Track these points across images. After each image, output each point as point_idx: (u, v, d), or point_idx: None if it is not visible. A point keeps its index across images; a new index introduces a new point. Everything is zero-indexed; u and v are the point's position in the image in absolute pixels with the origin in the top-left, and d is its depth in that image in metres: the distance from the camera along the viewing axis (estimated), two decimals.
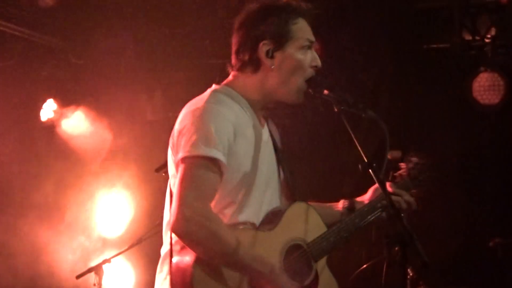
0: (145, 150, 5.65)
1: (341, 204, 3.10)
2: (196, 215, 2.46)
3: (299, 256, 2.74)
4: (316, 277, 2.77)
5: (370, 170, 2.35)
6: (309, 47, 2.77)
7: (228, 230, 2.55)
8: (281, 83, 2.74)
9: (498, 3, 5.17)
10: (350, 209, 3.06)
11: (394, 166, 3.16)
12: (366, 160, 2.36)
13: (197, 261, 2.50)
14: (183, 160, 2.54)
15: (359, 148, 2.39)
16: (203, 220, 2.47)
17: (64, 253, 5.79)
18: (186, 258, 2.54)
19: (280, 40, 2.72)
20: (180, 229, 2.47)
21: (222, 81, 2.84)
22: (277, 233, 2.70)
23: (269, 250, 2.67)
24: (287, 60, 2.73)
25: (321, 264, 2.81)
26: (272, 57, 2.71)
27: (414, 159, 3.21)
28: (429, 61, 5.63)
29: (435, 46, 5.66)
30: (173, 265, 2.59)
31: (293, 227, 2.76)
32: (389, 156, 2.44)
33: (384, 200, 2.84)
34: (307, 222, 2.80)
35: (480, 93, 5.51)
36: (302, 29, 2.76)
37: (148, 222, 4.12)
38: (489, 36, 5.43)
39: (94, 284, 4.56)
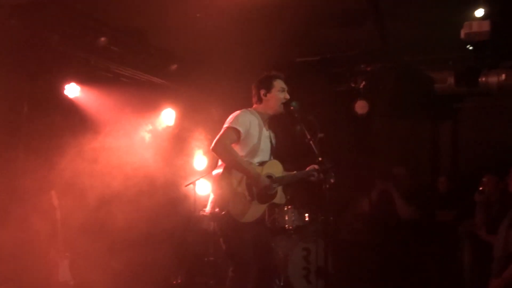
0: None
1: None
2: (222, 143, 4.85)
3: (271, 180, 5.02)
4: (276, 192, 5.15)
5: (311, 143, 4.78)
6: (283, 91, 5.21)
7: (237, 153, 4.89)
8: (271, 106, 5.16)
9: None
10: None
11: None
12: (309, 137, 4.86)
13: (225, 168, 4.96)
14: (225, 127, 4.93)
15: (306, 132, 4.89)
16: (225, 146, 4.88)
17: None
18: (220, 169, 5.00)
19: (268, 88, 5.21)
20: (215, 149, 4.89)
21: (251, 107, 5.30)
22: (263, 168, 5.08)
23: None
24: (272, 96, 5.17)
25: (279, 188, 5.20)
26: (265, 95, 5.18)
27: (327, 164, 4.85)
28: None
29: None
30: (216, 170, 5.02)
31: (270, 169, 5.13)
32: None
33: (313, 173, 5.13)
34: (277, 169, 5.23)
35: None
36: (279, 83, 5.23)
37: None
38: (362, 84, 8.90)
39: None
